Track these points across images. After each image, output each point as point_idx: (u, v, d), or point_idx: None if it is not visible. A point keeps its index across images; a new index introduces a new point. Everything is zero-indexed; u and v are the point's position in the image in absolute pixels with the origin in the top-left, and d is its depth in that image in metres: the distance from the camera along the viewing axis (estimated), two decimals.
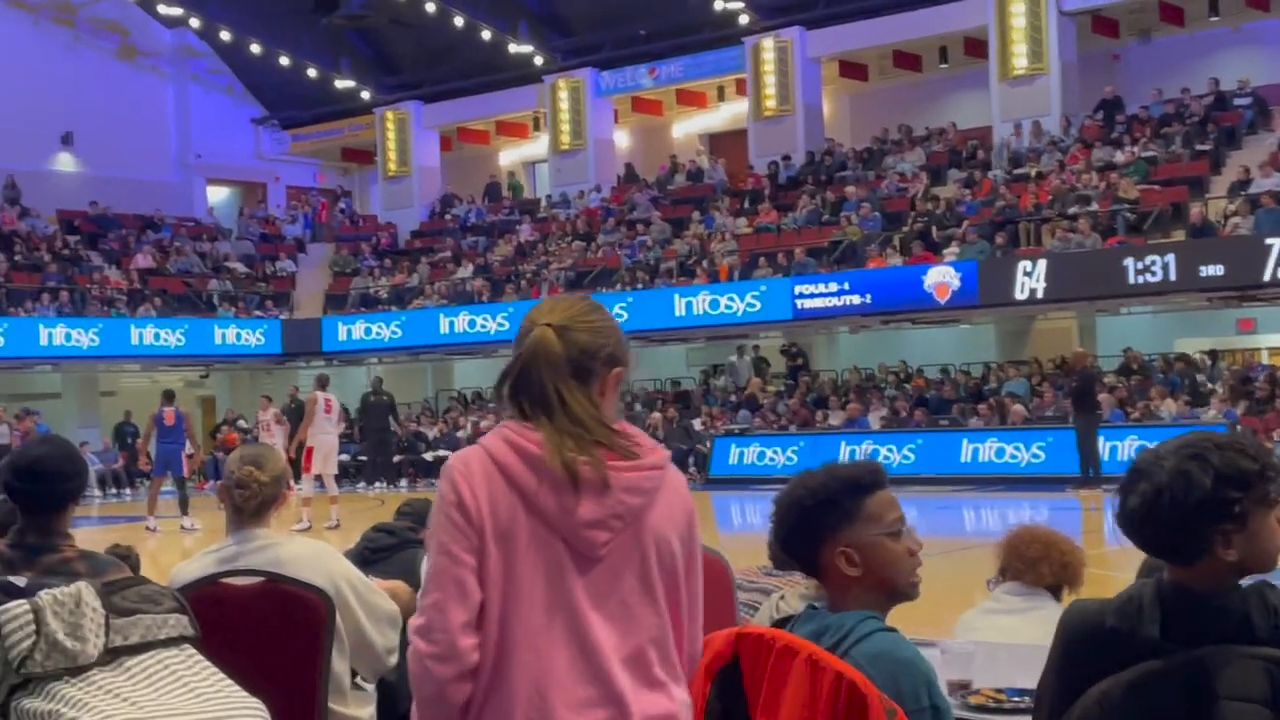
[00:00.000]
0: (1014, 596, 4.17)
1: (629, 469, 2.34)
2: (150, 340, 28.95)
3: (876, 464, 2.77)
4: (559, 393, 2.34)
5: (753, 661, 2.59)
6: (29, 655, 2.58)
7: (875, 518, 2.65)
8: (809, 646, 2.52)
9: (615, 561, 2.33)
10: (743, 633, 2.65)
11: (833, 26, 29.26)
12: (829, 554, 2.66)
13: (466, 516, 2.30)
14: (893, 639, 2.60)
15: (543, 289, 28.70)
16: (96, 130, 33.72)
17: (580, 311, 2.43)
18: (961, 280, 22.75)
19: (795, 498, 2.70)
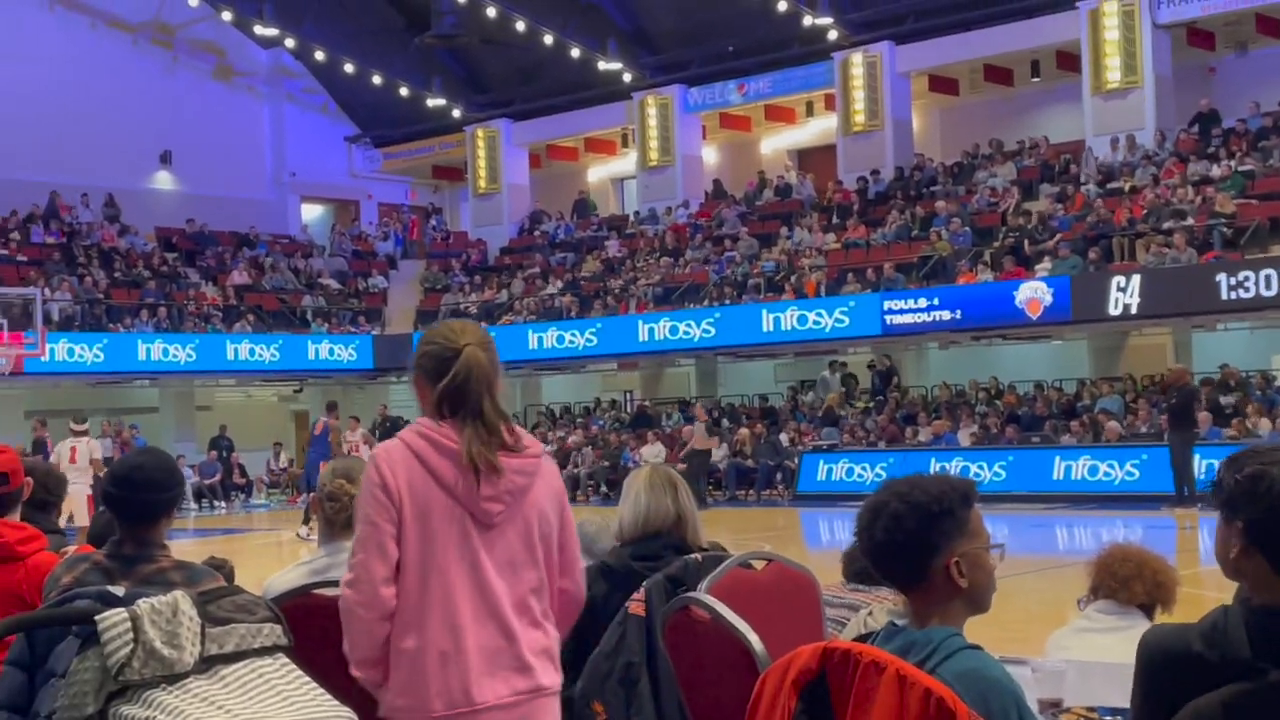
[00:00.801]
0: (1107, 615, 4.13)
1: (515, 458, 3.07)
2: (245, 355, 29.42)
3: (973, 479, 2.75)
4: (481, 401, 3.06)
5: (839, 676, 2.57)
6: (127, 663, 2.62)
7: (978, 531, 2.65)
8: (897, 662, 2.50)
9: (506, 528, 3.04)
10: (829, 647, 2.63)
11: (923, 41, 29.09)
12: (941, 564, 2.63)
13: (388, 495, 2.98)
14: (980, 657, 2.57)
15: (630, 305, 28.78)
16: (194, 149, 34.36)
17: (485, 335, 3.20)
18: (1053, 296, 22.48)
19: (917, 503, 2.64)
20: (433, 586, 2.98)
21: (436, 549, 2.99)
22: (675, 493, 4.33)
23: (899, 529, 2.65)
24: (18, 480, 4.51)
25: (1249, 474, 2.33)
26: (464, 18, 32.25)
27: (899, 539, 2.65)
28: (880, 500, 2.68)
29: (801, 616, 4.03)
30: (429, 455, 3.01)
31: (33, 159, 30.89)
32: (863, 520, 2.70)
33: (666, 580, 3.98)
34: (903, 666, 2.49)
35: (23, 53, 31.25)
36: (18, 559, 4.33)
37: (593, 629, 4.12)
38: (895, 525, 2.65)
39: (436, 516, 2.99)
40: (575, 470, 26.41)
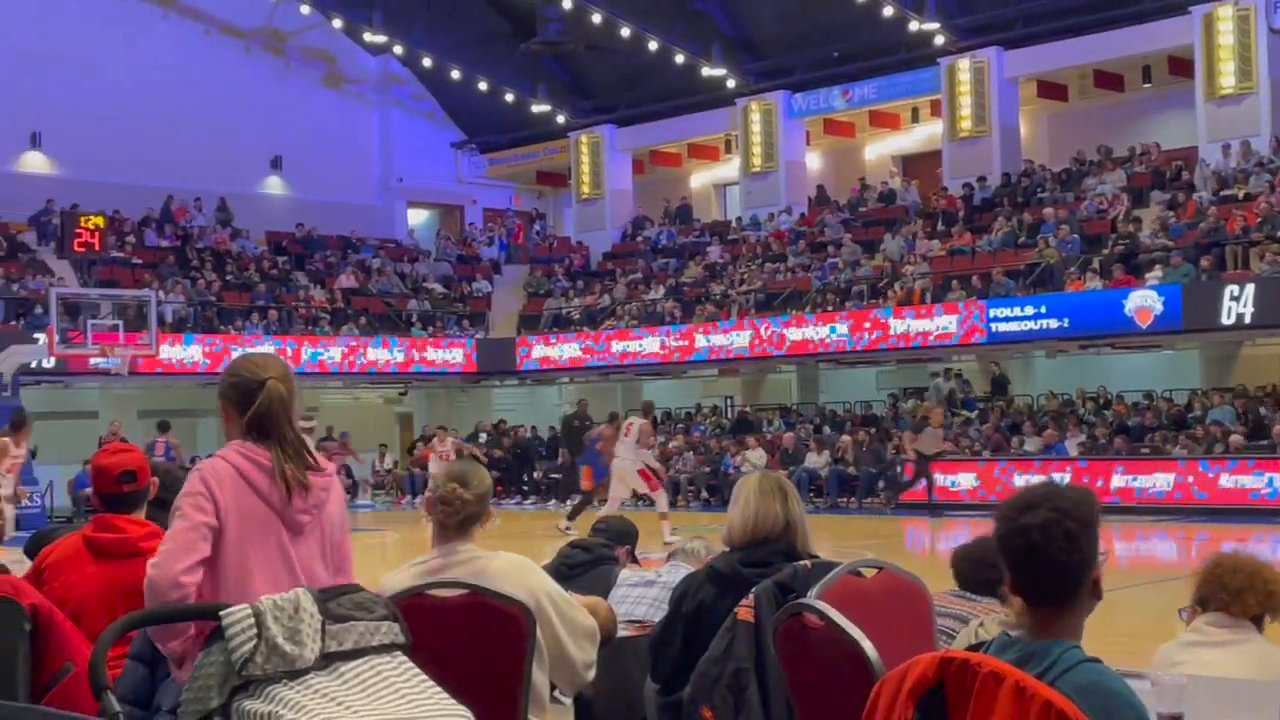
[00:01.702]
0: (1218, 628, 4.03)
1: (317, 476, 3.58)
2: (352, 358, 29.81)
3: None
4: (284, 427, 3.57)
5: (957, 686, 2.55)
6: (250, 658, 2.68)
7: (1099, 545, 2.62)
8: (1016, 673, 2.48)
9: (310, 535, 3.57)
10: (947, 656, 2.61)
11: (1032, 46, 28.71)
12: (1090, 579, 2.60)
13: (211, 502, 3.44)
14: (1101, 670, 2.54)
15: (732, 311, 28.74)
16: (304, 155, 34.92)
17: (285, 369, 3.71)
18: (1164, 304, 22.08)
19: (1084, 520, 2.58)
20: (255, 581, 3.42)
21: (255, 551, 3.48)
22: (785, 499, 4.33)
23: (1075, 548, 2.59)
24: (144, 479, 4.63)
25: None
26: (569, 24, 32.43)
27: (1076, 559, 2.59)
28: (1049, 518, 2.58)
29: (912, 625, 4.00)
30: (250, 472, 3.51)
31: (148, 164, 31.57)
32: (1033, 537, 2.58)
33: (776, 586, 3.97)
34: (1022, 678, 2.46)
35: (138, 60, 31.97)
36: (140, 554, 4.43)
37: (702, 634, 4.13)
38: (1071, 544, 2.58)
39: (256, 524, 3.49)
40: (676, 475, 26.40)
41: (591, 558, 5.57)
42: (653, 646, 4.38)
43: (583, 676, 4.11)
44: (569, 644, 4.02)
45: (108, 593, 4.38)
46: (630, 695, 4.60)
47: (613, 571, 5.49)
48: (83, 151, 31.08)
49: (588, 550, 5.63)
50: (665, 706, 4.28)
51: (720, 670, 3.90)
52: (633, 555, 5.97)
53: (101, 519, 4.56)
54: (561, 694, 4.24)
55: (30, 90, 30.53)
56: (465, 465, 4.25)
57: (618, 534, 5.94)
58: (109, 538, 4.49)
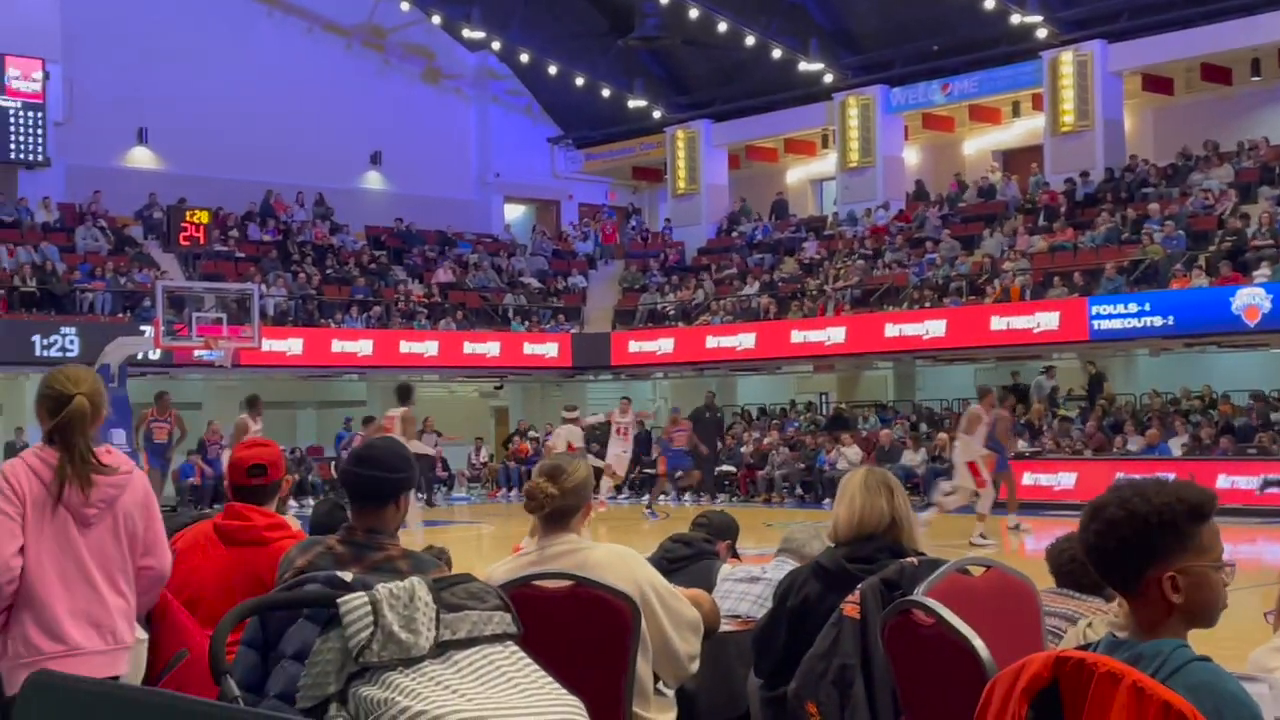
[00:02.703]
0: None
1: (105, 476, 4.08)
2: (449, 352, 30.07)
3: (1214, 492, 2.67)
4: (79, 438, 4.06)
5: (1072, 686, 2.53)
6: (366, 645, 2.71)
7: (1207, 548, 2.57)
8: (1133, 673, 2.44)
9: (99, 526, 4.09)
10: (1061, 655, 2.58)
11: (1136, 39, 28.23)
12: (1155, 576, 2.56)
13: (15, 495, 4.00)
14: (1214, 669, 2.50)
15: (828, 306, 28.59)
16: (402, 150, 35.27)
17: (96, 384, 4.19)
18: (1272, 302, 21.62)
19: (1135, 511, 2.57)
20: (46, 566, 4.01)
21: (47, 539, 4.03)
22: (891, 495, 4.31)
23: (1112, 534, 2.59)
24: (277, 473, 4.80)
25: None
26: (666, 19, 32.44)
27: (1111, 545, 2.60)
28: (1103, 501, 2.63)
29: (1020, 624, 3.97)
30: (41, 471, 4.05)
31: (250, 159, 32.07)
32: (1083, 517, 2.65)
33: (882, 583, 3.96)
34: (1140, 678, 2.43)
35: (242, 58, 32.48)
36: (263, 543, 4.60)
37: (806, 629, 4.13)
38: (1109, 530, 2.59)
39: (48, 517, 4.03)
40: (771, 472, 26.34)
41: (693, 552, 5.57)
42: (757, 641, 4.38)
43: (686, 668, 4.12)
44: (673, 636, 4.03)
45: (229, 578, 4.54)
46: (733, 689, 4.61)
47: (714, 566, 5.50)
48: (188, 147, 31.64)
49: (689, 545, 5.64)
50: (768, 701, 4.27)
51: (825, 666, 3.89)
52: (734, 550, 5.97)
53: (231, 507, 4.76)
54: (665, 685, 4.25)
55: (138, 87, 31.14)
56: (561, 459, 4.29)
57: (719, 528, 5.94)
58: (236, 524, 4.67)
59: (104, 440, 4.48)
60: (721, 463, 26.74)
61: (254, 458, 4.77)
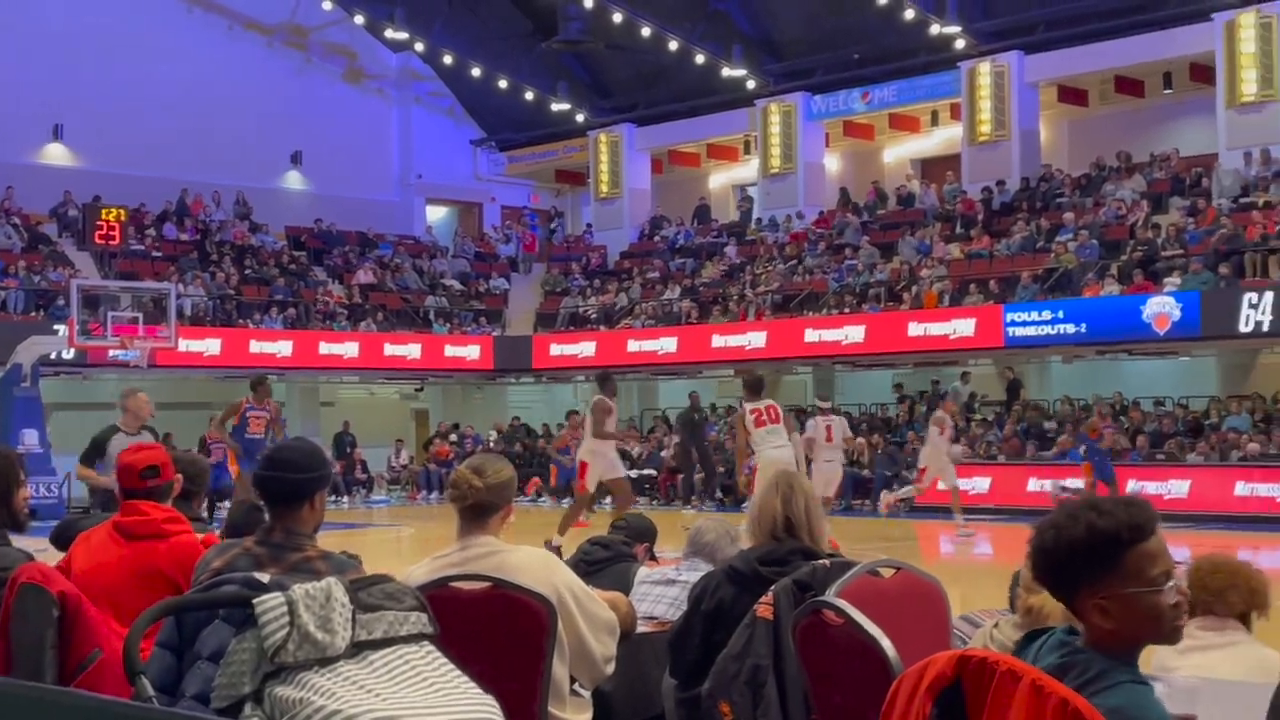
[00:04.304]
0: (1208, 632, 4.06)
1: None
2: (369, 353, 29.91)
3: (1142, 511, 2.58)
4: None
5: (975, 684, 2.59)
6: (282, 645, 2.73)
7: (1135, 574, 2.52)
8: (1033, 671, 2.50)
9: None
10: (965, 655, 2.65)
11: (1052, 51, 28.69)
12: (1083, 602, 2.57)
13: None
14: (1141, 694, 2.50)
15: (749, 311, 28.77)
16: (323, 150, 35.02)
17: None
18: (1182, 311, 22.07)
19: (1048, 548, 2.58)
20: None
21: None
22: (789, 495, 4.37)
23: (1036, 567, 2.64)
24: (169, 474, 4.87)
25: None
26: (590, 23, 32.49)
27: (1042, 570, 2.64)
28: (1037, 526, 2.64)
29: (928, 625, 4.05)
30: None
31: (168, 158, 31.71)
32: (1029, 553, 2.65)
33: (794, 585, 4.02)
34: (1039, 676, 2.48)
35: (162, 53, 32.08)
36: (163, 537, 4.68)
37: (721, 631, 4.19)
38: (1034, 564, 2.64)
39: None
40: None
41: (611, 554, 5.62)
42: (672, 643, 4.43)
43: (602, 670, 4.16)
44: (590, 638, 4.08)
45: (131, 573, 4.58)
46: (648, 690, 4.66)
47: (632, 569, 5.55)
48: (104, 144, 31.23)
49: (607, 547, 5.69)
50: (683, 702, 4.33)
51: (739, 667, 3.95)
52: (651, 553, 6.02)
53: (128, 504, 4.82)
54: (581, 687, 4.29)
55: (53, 82, 30.69)
56: (487, 457, 4.33)
57: (637, 532, 6.00)
58: (134, 520, 4.73)
59: (15, 442, 4.47)
60: (712, 462, 26.28)
61: (146, 460, 4.84)
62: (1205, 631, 4.07)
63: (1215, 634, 4.04)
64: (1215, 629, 4.06)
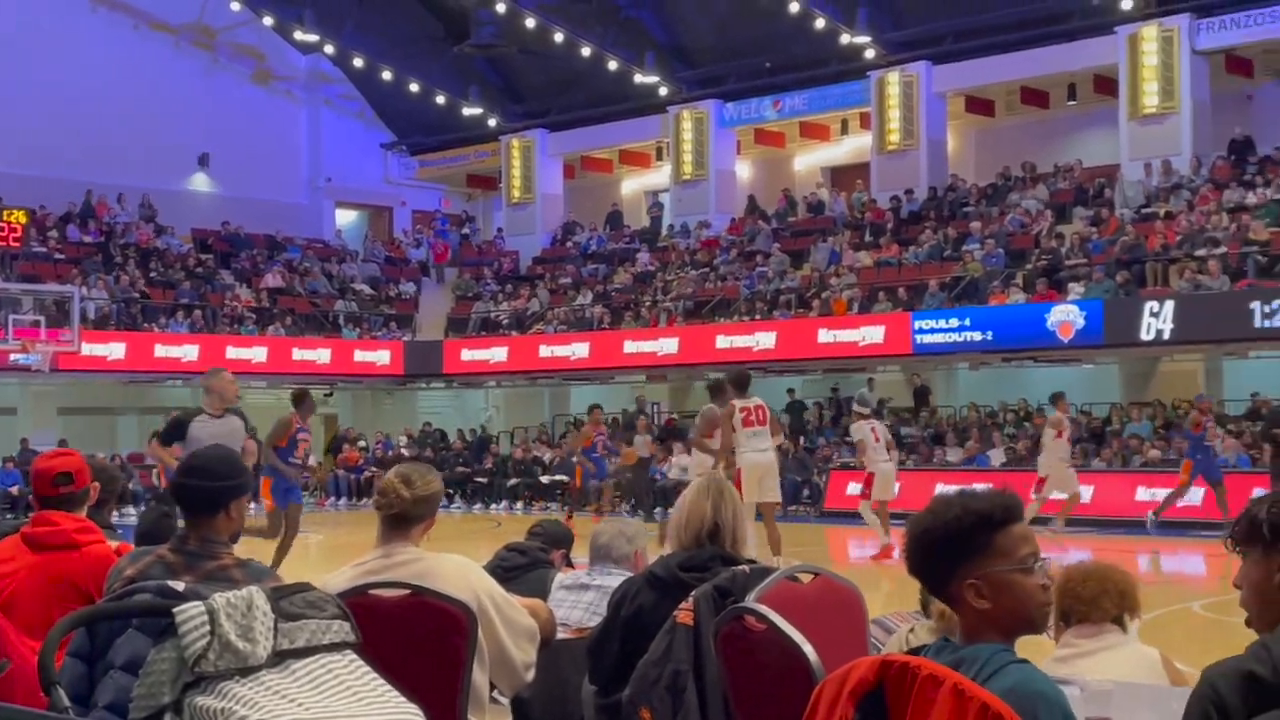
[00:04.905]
0: (1084, 639, 4.13)
1: None
2: (277, 358, 29.58)
3: (1011, 497, 2.75)
4: None
5: (897, 689, 2.62)
6: (203, 655, 2.69)
7: (1006, 553, 2.65)
8: (954, 675, 2.54)
9: None
10: (887, 659, 2.68)
11: (960, 62, 29.10)
12: (958, 586, 2.67)
13: None
14: (1029, 671, 2.60)
15: (661, 318, 28.85)
16: (231, 152, 34.58)
17: None
18: (1086, 319, 22.46)
19: (926, 528, 2.71)
20: None
21: None
22: (718, 500, 4.39)
23: (917, 552, 2.73)
24: (84, 480, 4.79)
25: None
26: (503, 27, 32.42)
27: (917, 562, 2.74)
28: (910, 522, 2.75)
29: (846, 630, 4.09)
30: None
31: (71, 158, 31.16)
32: (904, 543, 2.77)
33: (715, 590, 4.04)
34: (960, 680, 2.53)
35: (65, 53, 31.53)
36: (74, 547, 4.60)
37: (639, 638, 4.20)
38: (913, 548, 2.73)
39: None
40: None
41: (528, 561, 5.61)
42: (591, 649, 4.43)
43: (523, 678, 4.16)
44: (510, 645, 4.07)
45: (40, 584, 4.49)
46: (566, 697, 4.66)
47: (548, 575, 5.54)
48: (5, 144, 30.56)
49: (524, 553, 5.68)
50: (603, 708, 4.33)
51: (659, 672, 3.96)
52: (568, 559, 6.02)
53: (39, 515, 4.72)
54: (500, 694, 4.28)
55: None
56: (417, 467, 4.30)
57: (554, 538, 6.00)
58: (44, 530, 4.63)
59: None
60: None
61: (59, 466, 4.76)
62: (1082, 639, 4.13)
63: (1092, 640, 4.11)
64: (1091, 635, 4.12)
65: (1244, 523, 2.53)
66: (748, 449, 13.30)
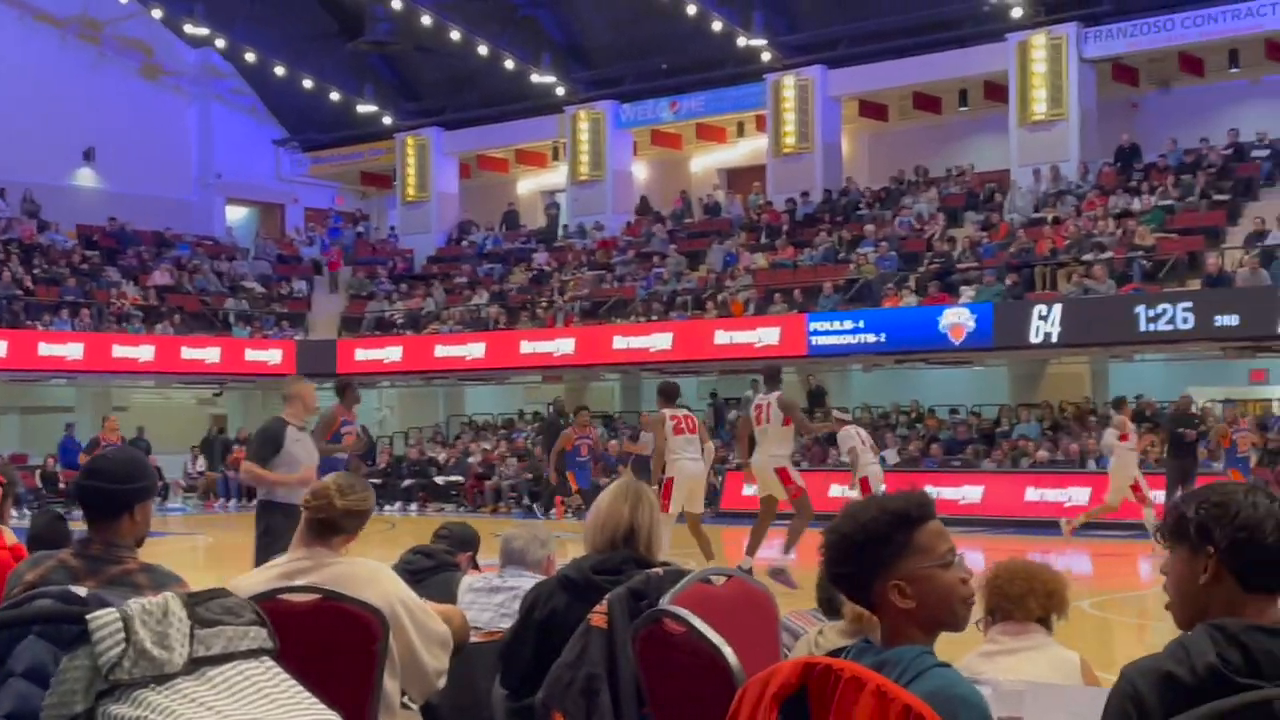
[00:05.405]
0: (1008, 637, 4.17)
1: None
2: (166, 357, 29.06)
3: (925, 495, 2.77)
4: None
5: (820, 691, 2.63)
6: (117, 662, 2.64)
7: (926, 550, 2.67)
8: (876, 678, 2.56)
9: None
10: (810, 662, 2.69)
11: (854, 66, 29.41)
12: (881, 587, 2.69)
13: None
14: (951, 674, 2.62)
15: (558, 318, 28.80)
16: (118, 147, 33.93)
17: None
18: (977, 322, 22.80)
19: (846, 533, 2.71)
20: None
21: None
22: (637, 504, 4.39)
23: (835, 558, 2.73)
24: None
25: (1216, 503, 2.49)
26: (398, 24, 32.16)
27: (836, 568, 2.74)
28: (827, 529, 2.76)
29: (759, 632, 4.10)
30: None
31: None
32: (823, 549, 2.77)
33: (629, 593, 4.04)
34: (882, 682, 2.55)
35: None
36: None
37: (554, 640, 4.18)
38: (831, 554, 2.73)
39: None
40: (499, 482, 26.34)
41: (434, 564, 5.56)
42: (504, 652, 4.40)
43: (434, 684, 4.12)
44: (422, 652, 4.03)
45: None
46: (477, 701, 4.62)
47: (455, 578, 5.50)
48: None
49: (430, 556, 5.63)
50: (515, 712, 4.31)
51: (573, 675, 3.95)
52: (474, 562, 5.98)
53: None
54: (410, 700, 4.24)
55: None
56: (357, 479, 4.27)
57: (460, 540, 5.95)
58: None
59: None
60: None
61: None
62: (1006, 636, 4.17)
63: (1014, 638, 4.15)
64: (1015, 634, 4.16)
65: (1172, 519, 2.58)
66: (681, 456, 13.21)
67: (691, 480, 13.30)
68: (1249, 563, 2.43)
